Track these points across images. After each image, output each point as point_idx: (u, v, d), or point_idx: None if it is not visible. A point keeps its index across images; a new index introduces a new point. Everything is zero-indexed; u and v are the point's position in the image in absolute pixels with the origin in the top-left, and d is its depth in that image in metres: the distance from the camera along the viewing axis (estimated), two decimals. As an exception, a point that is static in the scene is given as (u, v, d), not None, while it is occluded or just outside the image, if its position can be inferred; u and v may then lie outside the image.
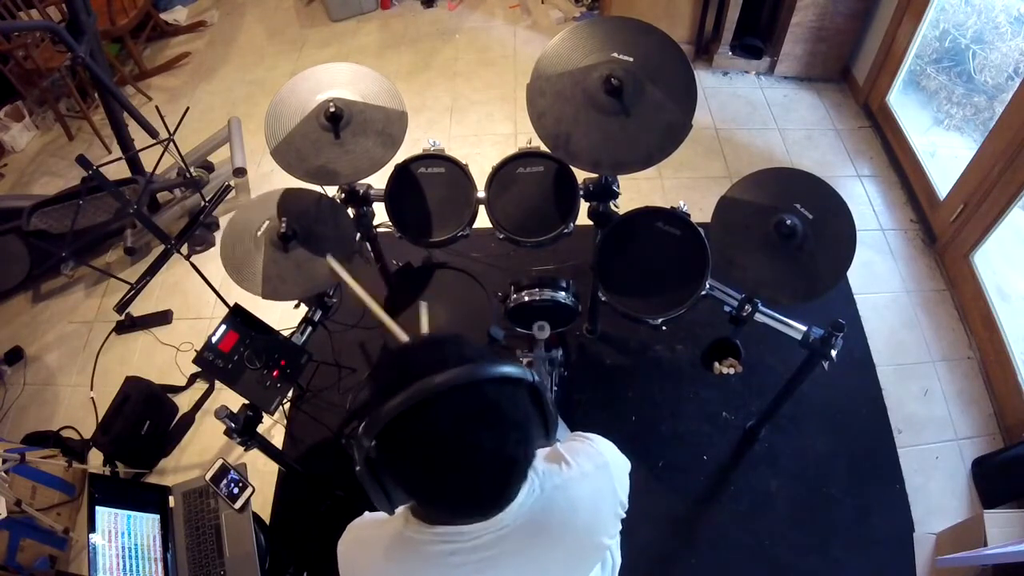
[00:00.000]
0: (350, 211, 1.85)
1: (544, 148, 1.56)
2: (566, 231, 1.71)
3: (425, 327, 1.61)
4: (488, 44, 3.65)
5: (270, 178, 2.95)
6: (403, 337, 1.48)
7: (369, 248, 2.23)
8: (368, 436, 0.68)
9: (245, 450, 1.65)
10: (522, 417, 0.72)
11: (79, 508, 2.09)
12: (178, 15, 3.95)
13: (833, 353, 1.53)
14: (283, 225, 1.59)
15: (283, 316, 2.04)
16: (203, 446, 2.24)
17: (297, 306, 1.85)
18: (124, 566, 1.71)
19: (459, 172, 1.79)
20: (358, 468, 0.71)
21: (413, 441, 0.68)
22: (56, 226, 2.52)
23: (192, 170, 2.76)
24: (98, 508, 1.74)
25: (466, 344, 0.74)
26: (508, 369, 0.69)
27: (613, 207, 1.80)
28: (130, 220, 2.67)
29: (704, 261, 1.61)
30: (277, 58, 3.69)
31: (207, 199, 2.17)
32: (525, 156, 1.76)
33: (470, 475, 0.70)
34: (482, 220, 1.75)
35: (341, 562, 0.88)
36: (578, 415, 2.18)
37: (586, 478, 0.87)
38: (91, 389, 2.39)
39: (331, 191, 1.75)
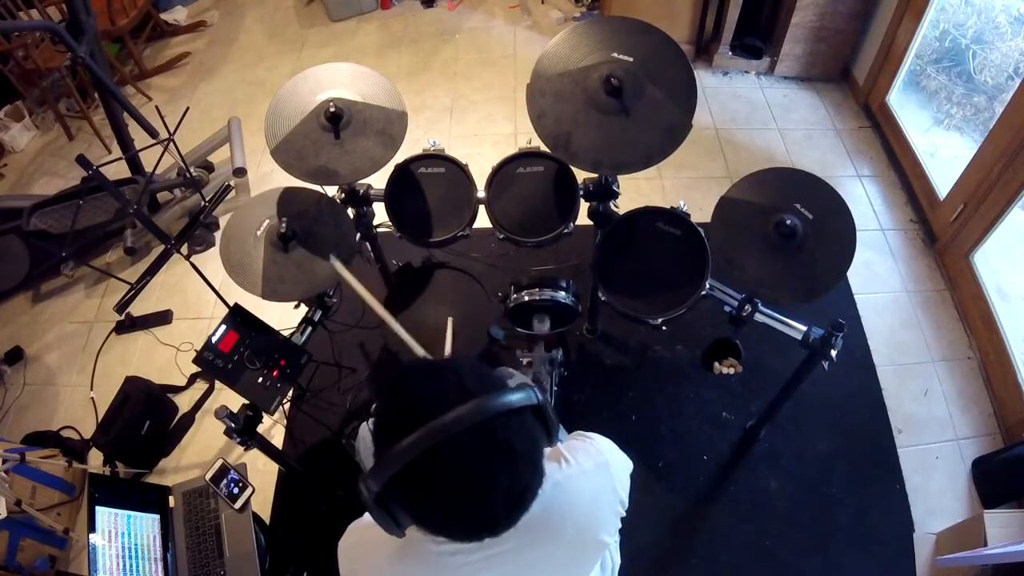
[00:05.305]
0: (350, 211, 1.85)
1: (544, 148, 1.55)
2: (566, 231, 1.71)
3: (449, 342, 1.61)
4: (488, 44, 3.65)
5: (270, 178, 2.95)
6: (400, 332, 1.48)
7: (369, 248, 2.23)
8: (377, 481, 0.66)
9: (245, 450, 1.65)
10: (531, 446, 0.71)
11: (79, 508, 2.09)
12: (178, 15, 3.95)
13: (833, 353, 1.53)
14: (283, 225, 1.59)
15: (283, 316, 2.04)
16: (203, 446, 2.24)
17: (297, 306, 1.85)
18: (124, 566, 1.71)
19: (459, 172, 1.79)
20: (363, 495, 0.68)
21: (425, 483, 0.67)
22: (56, 226, 2.52)
23: (192, 170, 2.76)
24: (98, 508, 1.74)
25: (464, 371, 0.72)
26: (513, 398, 0.68)
27: (613, 207, 1.80)
28: (130, 220, 2.67)
29: (704, 261, 1.61)
30: (277, 58, 3.69)
31: (207, 199, 2.17)
32: (525, 156, 1.76)
33: (485, 509, 0.70)
34: (482, 220, 1.75)
35: (342, 563, 0.88)
36: (578, 415, 2.18)
37: (585, 476, 0.87)
38: (91, 389, 2.39)
39: (331, 191, 1.75)
